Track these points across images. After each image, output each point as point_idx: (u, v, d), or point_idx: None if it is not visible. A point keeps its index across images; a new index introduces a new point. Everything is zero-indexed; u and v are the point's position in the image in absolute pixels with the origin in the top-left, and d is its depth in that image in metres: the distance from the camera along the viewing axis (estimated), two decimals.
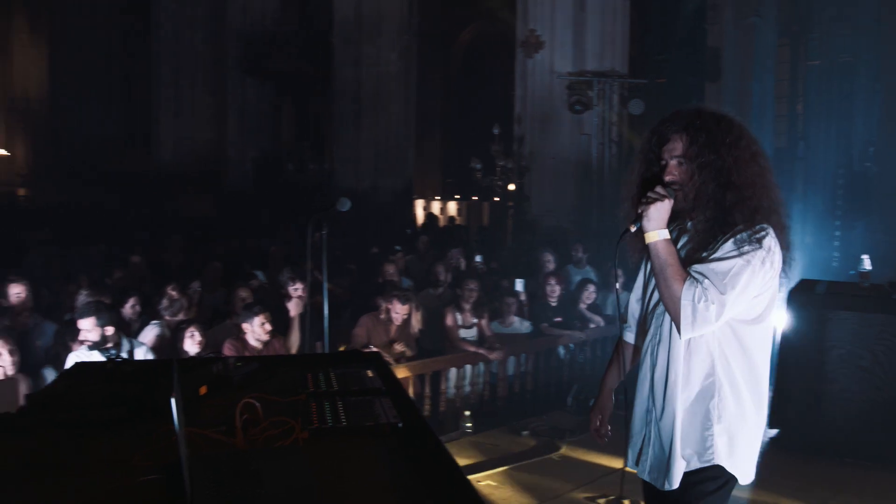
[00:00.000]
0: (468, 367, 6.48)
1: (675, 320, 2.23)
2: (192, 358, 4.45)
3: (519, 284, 7.75)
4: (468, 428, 5.91)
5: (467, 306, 6.69)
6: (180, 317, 5.46)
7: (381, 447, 1.90)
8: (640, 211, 2.29)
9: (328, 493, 1.63)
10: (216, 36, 16.65)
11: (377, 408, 2.13)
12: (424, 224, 15.91)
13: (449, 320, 6.61)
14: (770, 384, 2.42)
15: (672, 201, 2.28)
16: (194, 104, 16.95)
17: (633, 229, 2.34)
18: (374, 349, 5.45)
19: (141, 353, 4.81)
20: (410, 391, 6.01)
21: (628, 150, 11.73)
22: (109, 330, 4.67)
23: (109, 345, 4.60)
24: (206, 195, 16.10)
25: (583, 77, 10.50)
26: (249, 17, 16.20)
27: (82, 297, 5.43)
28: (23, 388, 4.07)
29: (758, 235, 2.22)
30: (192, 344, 5.00)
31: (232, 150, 16.80)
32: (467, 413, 6.02)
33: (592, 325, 7.34)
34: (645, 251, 2.35)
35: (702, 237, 2.29)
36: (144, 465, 1.70)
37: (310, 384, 2.37)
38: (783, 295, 6.22)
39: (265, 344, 5.31)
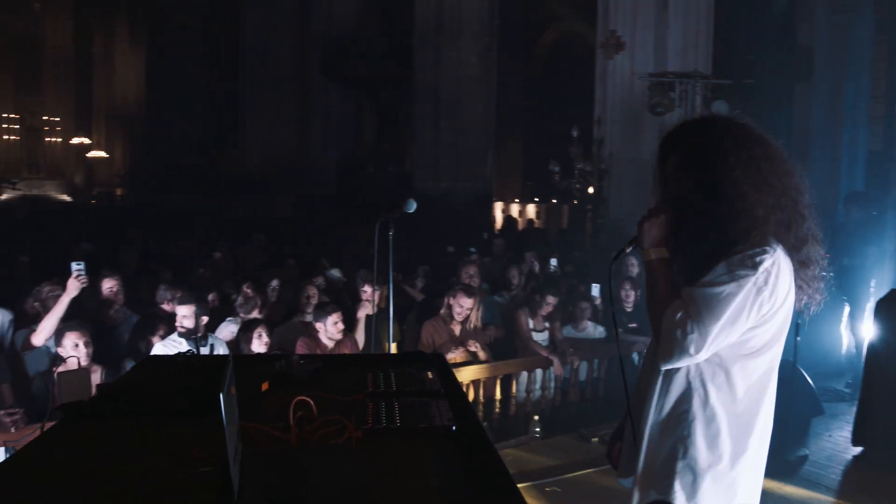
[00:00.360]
0: (539, 372, 6.43)
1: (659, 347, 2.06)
2: (258, 354, 4.57)
3: (595, 289, 7.64)
4: (537, 433, 5.87)
5: (541, 311, 6.64)
6: (254, 314, 5.62)
7: (433, 450, 1.88)
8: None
9: (374, 492, 1.63)
10: (300, 41, 17.09)
11: (433, 410, 2.12)
12: (503, 226, 15.88)
13: (521, 323, 6.58)
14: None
15: (667, 217, 2.13)
16: (279, 108, 17.42)
17: (628, 249, 2.23)
18: (441, 352, 5.46)
19: (220, 348, 4.98)
20: (481, 394, 6.01)
21: None
22: (203, 320, 4.87)
23: (199, 335, 4.78)
24: (289, 196, 16.53)
25: (664, 78, 10.24)
26: (333, 23, 16.56)
27: (161, 292, 5.65)
28: (96, 378, 4.26)
29: (756, 259, 1.96)
30: (259, 344, 5.09)
31: (314, 152, 17.20)
32: (536, 417, 5.98)
33: None
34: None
35: (697, 257, 2.08)
36: (201, 457, 1.74)
37: (369, 384, 2.39)
38: (871, 306, 5.94)
39: (337, 343, 5.40)
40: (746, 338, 2.01)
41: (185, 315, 4.85)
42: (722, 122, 2.16)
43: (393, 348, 5.24)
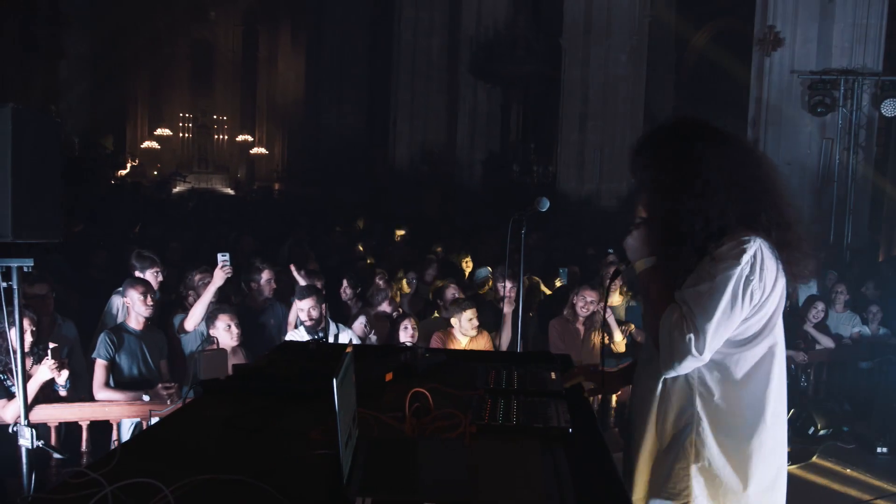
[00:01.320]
0: None
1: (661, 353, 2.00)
2: (386, 345, 4.67)
3: None
4: None
5: None
6: (384, 305, 5.75)
7: (546, 450, 1.87)
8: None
9: (481, 488, 1.64)
10: (450, 41, 17.37)
11: (551, 410, 2.10)
12: None
13: None
14: None
15: (646, 227, 2.08)
16: (428, 106, 17.79)
17: (622, 268, 2.19)
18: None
19: (344, 338, 5.12)
20: (613, 399, 5.86)
21: (881, 156, 10.56)
22: (324, 309, 5.04)
23: (321, 325, 4.95)
24: (435, 193, 16.83)
25: (827, 75, 9.58)
26: (482, 22, 16.70)
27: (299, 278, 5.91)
28: (232, 359, 4.47)
29: (738, 249, 1.94)
30: (405, 336, 5.19)
31: (461, 150, 17.42)
32: None
33: (819, 346, 6.70)
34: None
35: (682, 261, 2.02)
36: (321, 439, 1.83)
37: (491, 380, 2.40)
38: None
39: (472, 339, 5.42)
40: (741, 329, 1.99)
41: (307, 307, 4.97)
42: (689, 124, 2.09)
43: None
